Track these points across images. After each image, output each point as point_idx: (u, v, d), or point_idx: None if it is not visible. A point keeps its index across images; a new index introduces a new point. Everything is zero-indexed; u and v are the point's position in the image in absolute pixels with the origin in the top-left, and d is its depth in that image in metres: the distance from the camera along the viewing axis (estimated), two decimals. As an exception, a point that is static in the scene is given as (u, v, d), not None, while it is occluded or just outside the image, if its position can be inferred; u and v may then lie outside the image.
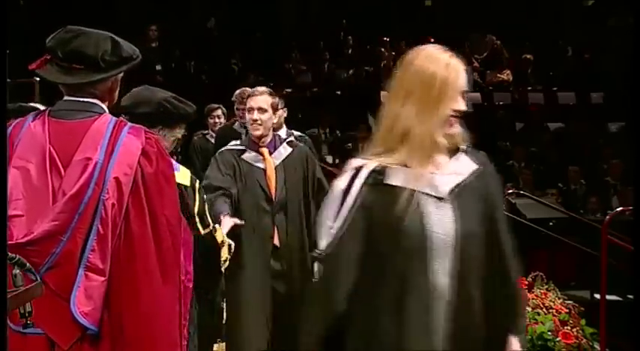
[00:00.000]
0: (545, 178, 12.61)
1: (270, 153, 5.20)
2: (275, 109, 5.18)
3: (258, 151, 5.18)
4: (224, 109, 8.73)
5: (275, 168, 5.14)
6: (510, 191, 11.03)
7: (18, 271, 2.35)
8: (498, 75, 15.96)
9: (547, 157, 13.41)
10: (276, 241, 5.06)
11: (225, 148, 5.34)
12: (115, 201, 2.67)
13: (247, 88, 7.81)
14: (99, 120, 2.79)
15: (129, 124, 2.82)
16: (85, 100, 2.82)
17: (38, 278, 2.39)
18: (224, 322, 3.86)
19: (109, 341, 2.65)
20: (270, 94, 5.20)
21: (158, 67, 14.60)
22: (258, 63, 15.25)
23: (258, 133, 5.12)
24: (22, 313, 2.37)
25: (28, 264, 2.37)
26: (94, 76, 2.81)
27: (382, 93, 3.77)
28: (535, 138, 14.18)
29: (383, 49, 16.42)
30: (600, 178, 12.67)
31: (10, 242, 2.59)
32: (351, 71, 15.69)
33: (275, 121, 5.29)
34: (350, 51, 16.66)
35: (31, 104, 6.23)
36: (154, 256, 2.70)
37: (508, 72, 16.03)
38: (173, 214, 2.76)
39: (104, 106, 2.85)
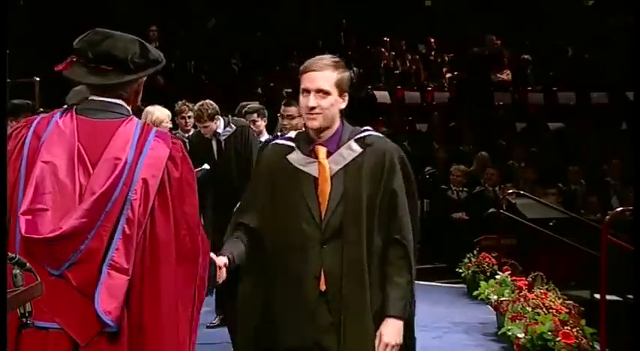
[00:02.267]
0: (545, 178, 12.61)
1: (329, 154, 3.51)
2: (342, 90, 3.55)
3: (311, 151, 3.51)
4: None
5: (331, 177, 3.46)
6: (510, 191, 11.05)
7: (18, 271, 2.35)
8: (498, 75, 15.97)
9: (547, 157, 13.42)
10: (323, 285, 3.39)
11: (274, 141, 3.78)
12: (141, 202, 2.71)
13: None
14: (126, 122, 2.83)
15: (154, 128, 2.87)
16: (112, 100, 2.86)
17: (38, 278, 2.39)
18: None
19: (126, 339, 2.69)
20: (335, 66, 3.52)
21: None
22: (258, 63, 15.26)
23: (315, 124, 3.48)
24: (22, 313, 2.37)
25: (28, 264, 2.38)
26: (124, 77, 2.85)
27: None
28: (535, 138, 14.19)
29: (383, 49, 16.44)
30: (600, 178, 12.68)
31: (36, 236, 2.63)
32: (351, 71, 15.69)
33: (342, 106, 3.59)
34: (350, 51, 16.67)
35: (26, 101, 6.26)
36: (174, 259, 2.74)
37: (508, 72, 16.04)
38: (193, 220, 2.81)
39: (129, 108, 2.90)
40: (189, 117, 8.03)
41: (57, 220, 2.66)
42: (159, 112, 6.93)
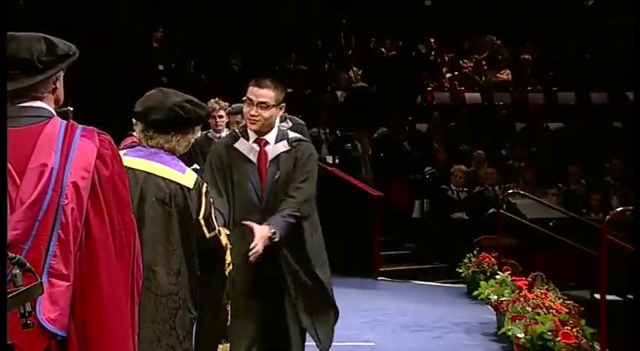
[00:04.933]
0: (545, 178, 12.62)
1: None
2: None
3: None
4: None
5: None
6: (510, 191, 11.06)
7: (18, 271, 2.34)
8: (498, 75, 15.97)
9: (547, 157, 13.42)
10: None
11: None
12: (74, 205, 2.64)
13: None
14: (49, 124, 2.74)
15: (80, 126, 2.78)
16: (30, 104, 2.77)
17: (38, 278, 2.39)
18: (228, 323, 3.85)
19: (76, 346, 2.65)
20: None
21: (160, 68, 14.64)
22: (258, 63, 15.26)
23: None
24: (22, 313, 2.36)
25: (28, 264, 2.37)
26: (34, 78, 2.75)
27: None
28: (535, 138, 14.20)
29: (383, 49, 16.44)
30: (600, 178, 12.69)
31: None
32: (351, 71, 15.71)
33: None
34: (350, 51, 16.67)
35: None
36: (114, 258, 2.69)
37: (508, 72, 16.05)
38: (128, 215, 2.75)
39: (50, 109, 2.80)
40: (221, 116, 7.92)
41: None
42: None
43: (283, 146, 4.71)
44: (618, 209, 8.04)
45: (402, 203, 12.54)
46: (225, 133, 7.91)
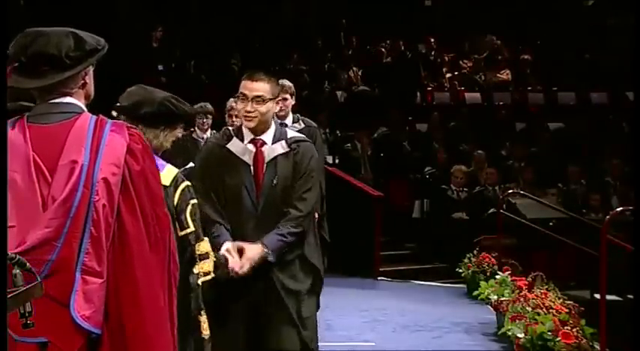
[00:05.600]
0: (545, 178, 12.62)
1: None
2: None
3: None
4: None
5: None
6: (510, 191, 11.06)
7: (18, 271, 2.34)
8: (498, 75, 15.97)
9: (547, 157, 13.42)
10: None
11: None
12: (105, 202, 2.64)
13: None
14: (79, 120, 2.74)
15: (109, 121, 2.77)
16: (60, 100, 2.77)
17: (38, 278, 2.38)
18: (203, 333, 3.68)
19: (109, 343, 2.64)
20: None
21: (160, 68, 14.64)
22: (258, 63, 15.25)
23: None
24: (22, 313, 2.36)
25: (28, 264, 2.37)
26: (63, 74, 2.75)
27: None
28: (535, 138, 14.20)
29: (383, 49, 16.44)
30: (600, 178, 12.68)
31: None
32: (351, 71, 15.71)
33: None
34: (350, 51, 16.67)
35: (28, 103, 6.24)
36: (148, 253, 2.69)
37: (508, 72, 16.05)
38: (161, 209, 2.74)
39: (81, 104, 2.80)
40: (237, 116, 7.89)
41: (22, 235, 2.58)
42: None
43: (281, 147, 4.33)
44: (618, 209, 8.04)
45: (402, 203, 12.54)
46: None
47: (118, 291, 2.65)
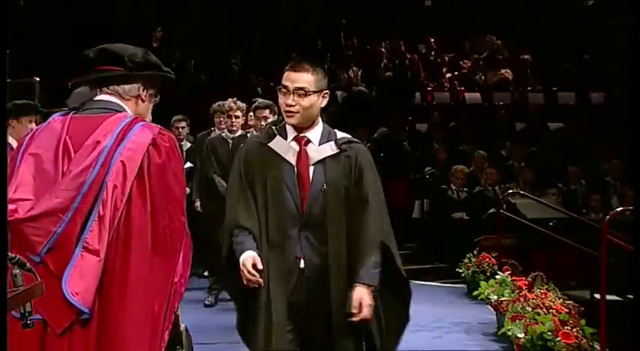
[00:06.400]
0: (545, 178, 12.62)
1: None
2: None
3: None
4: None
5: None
6: (510, 191, 11.05)
7: (18, 271, 2.34)
8: (498, 75, 15.97)
9: (547, 157, 13.42)
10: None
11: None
12: (118, 184, 2.69)
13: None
14: (116, 115, 2.83)
15: (145, 121, 2.87)
16: (106, 98, 2.88)
17: (38, 278, 2.39)
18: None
19: (96, 323, 2.64)
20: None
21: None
22: (258, 63, 15.26)
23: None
24: (22, 312, 2.36)
25: (28, 264, 2.37)
26: (117, 72, 2.88)
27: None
28: (535, 138, 14.20)
29: (383, 49, 16.44)
30: (600, 178, 12.68)
31: (12, 218, 2.61)
32: (351, 71, 15.70)
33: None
34: (350, 51, 16.66)
35: (29, 102, 6.25)
36: (149, 246, 2.68)
37: (508, 72, 16.04)
38: (176, 211, 2.75)
39: (124, 106, 2.89)
40: (237, 117, 7.78)
41: (35, 204, 2.66)
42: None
43: (330, 149, 3.88)
44: (618, 209, 8.03)
45: (402, 203, 12.52)
46: (239, 134, 7.84)
47: (113, 276, 2.66)
